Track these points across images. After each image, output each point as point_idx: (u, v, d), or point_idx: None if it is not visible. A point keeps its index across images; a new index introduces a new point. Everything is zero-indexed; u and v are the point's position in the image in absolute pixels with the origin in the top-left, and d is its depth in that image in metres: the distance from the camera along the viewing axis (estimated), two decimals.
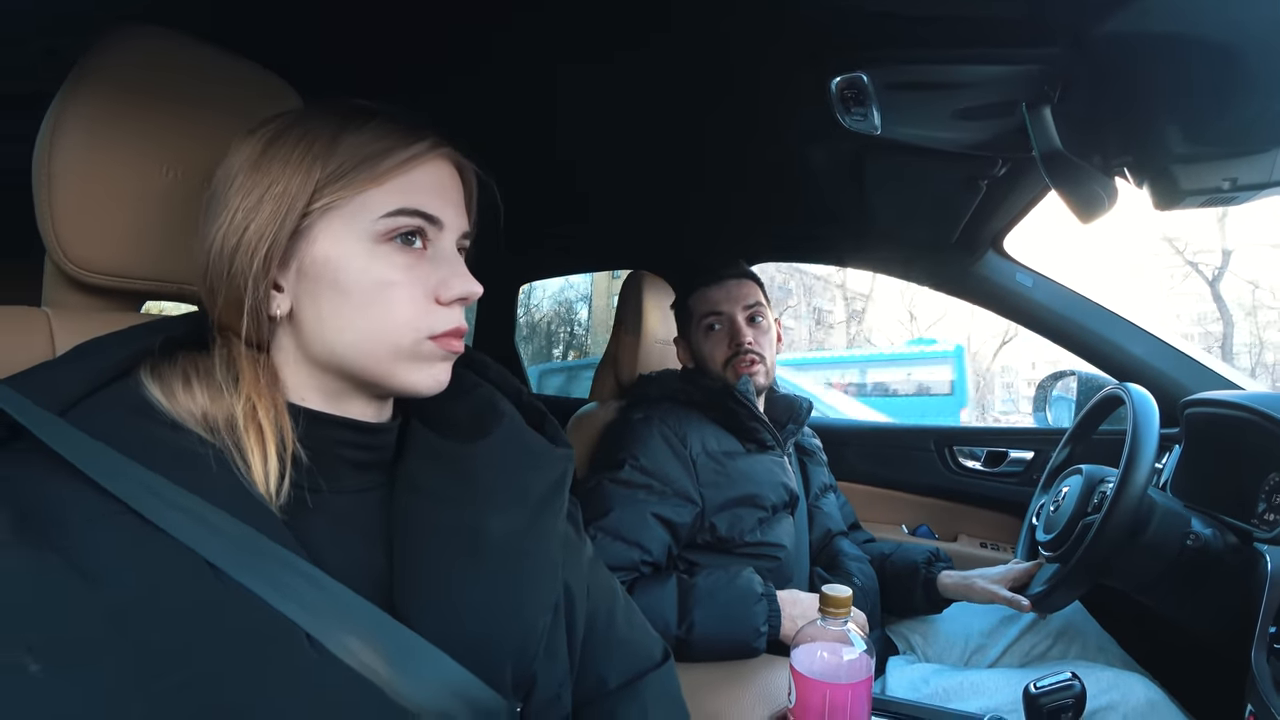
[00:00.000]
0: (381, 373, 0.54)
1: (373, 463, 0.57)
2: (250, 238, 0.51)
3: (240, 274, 0.52)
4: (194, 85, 0.65)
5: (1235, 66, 0.62)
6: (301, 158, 0.52)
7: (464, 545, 0.54)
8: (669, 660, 0.74)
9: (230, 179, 0.53)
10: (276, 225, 0.51)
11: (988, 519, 1.71)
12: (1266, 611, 0.84)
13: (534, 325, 12.07)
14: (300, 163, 0.52)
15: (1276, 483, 1.04)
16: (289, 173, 0.52)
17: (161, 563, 0.42)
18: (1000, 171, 1.07)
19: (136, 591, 0.41)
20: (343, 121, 0.54)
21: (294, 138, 0.53)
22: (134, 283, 0.64)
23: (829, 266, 1.78)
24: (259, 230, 0.51)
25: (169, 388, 0.49)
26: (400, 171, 0.53)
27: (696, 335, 1.36)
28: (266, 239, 0.51)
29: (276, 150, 0.53)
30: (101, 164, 0.60)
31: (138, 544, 0.42)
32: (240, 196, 0.52)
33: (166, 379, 0.50)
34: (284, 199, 0.51)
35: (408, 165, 0.54)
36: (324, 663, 0.45)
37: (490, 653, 0.53)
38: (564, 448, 0.64)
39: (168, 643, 0.40)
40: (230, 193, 0.53)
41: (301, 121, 0.55)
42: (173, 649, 0.40)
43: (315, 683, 0.44)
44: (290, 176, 0.52)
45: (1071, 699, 0.76)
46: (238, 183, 0.53)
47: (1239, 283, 13.00)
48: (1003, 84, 0.75)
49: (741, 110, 1.10)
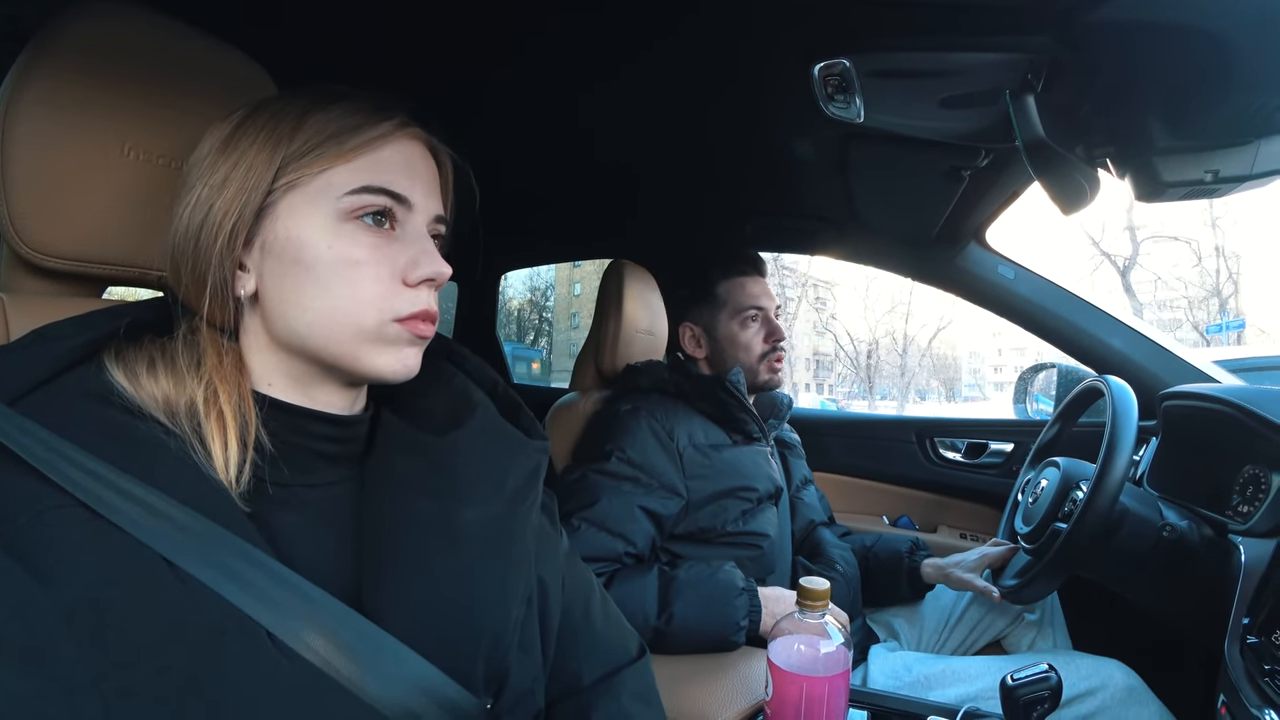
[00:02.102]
0: (345, 355, 0.53)
1: (343, 455, 0.56)
2: (215, 215, 0.51)
3: (205, 252, 0.51)
4: (160, 63, 0.63)
5: (1221, 59, 0.61)
6: (268, 137, 0.52)
7: (436, 538, 0.53)
8: (645, 656, 0.73)
9: (200, 161, 0.53)
10: (241, 202, 0.51)
11: (968, 510, 1.73)
12: (1239, 603, 0.85)
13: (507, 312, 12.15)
14: (266, 141, 0.52)
15: (1250, 475, 1.05)
16: (254, 151, 0.52)
17: (115, 559, 0.41)
18: (983, 163, 1.06)
19: (90, 589, 0.39)
20: (311, 101, 0.54)
21: (262, 119, 0.53)
22: (94, 267, 0.62)
23: None
24: (224, 208, 0.51)
25: (133, 372, 0.48)
26: (366, 149, 0.53)
27: (729, 324, 1.35)
28: (231, 216, 0.51)
29: (244, 131, 0.53)
30: (60, 143, 0.58)
31: (90, 539, 0.41)
32: (207, 175, 0.52)
33: (130, 364, 0.49)
34: (249, 176, 0.51)
35: (374, 144, 0.53)
36: (286, 661, 0.43)
37: (461, 648, 0.52)
38: (539, 439, 0.64)
39: (123, 641, 0.39)
40: (198, 174, 0.52)
41: (271, 103, 0.55)
42: (128, 648, 0.39)
43: (277, 682, 0.43)
44: (256, 154, 0.51)
45: (1048, 690, 0.76)
46: (205, 164, 0.52)
47: (1145, 274, 13.51)
48: (987, 72, 0.74)
49: (725, 98, 1.09)
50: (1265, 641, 0.78)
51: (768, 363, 1.33)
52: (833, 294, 17.62)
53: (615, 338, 1.38)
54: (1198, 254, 13.40)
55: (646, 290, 1.48)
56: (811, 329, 17.97)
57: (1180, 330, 13.16)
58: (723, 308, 1.35)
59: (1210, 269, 13.31)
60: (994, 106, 0.80)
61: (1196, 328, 13.15)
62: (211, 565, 0.43)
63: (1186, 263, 13.62)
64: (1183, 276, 13.70)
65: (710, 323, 1.37)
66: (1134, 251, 13.42)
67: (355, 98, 0.55)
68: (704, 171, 1.45)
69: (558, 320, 15.78)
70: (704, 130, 1.23)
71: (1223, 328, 12.46)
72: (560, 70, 1.04)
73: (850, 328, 17.32)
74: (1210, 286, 13.33)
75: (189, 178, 0.53)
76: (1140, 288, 13.71)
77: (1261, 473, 1.03)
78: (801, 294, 17.17)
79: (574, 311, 15.51)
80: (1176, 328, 13.24)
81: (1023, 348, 17.27)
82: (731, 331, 1.34)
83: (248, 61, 0.70)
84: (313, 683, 0.44)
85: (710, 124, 1.20)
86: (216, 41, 0.68)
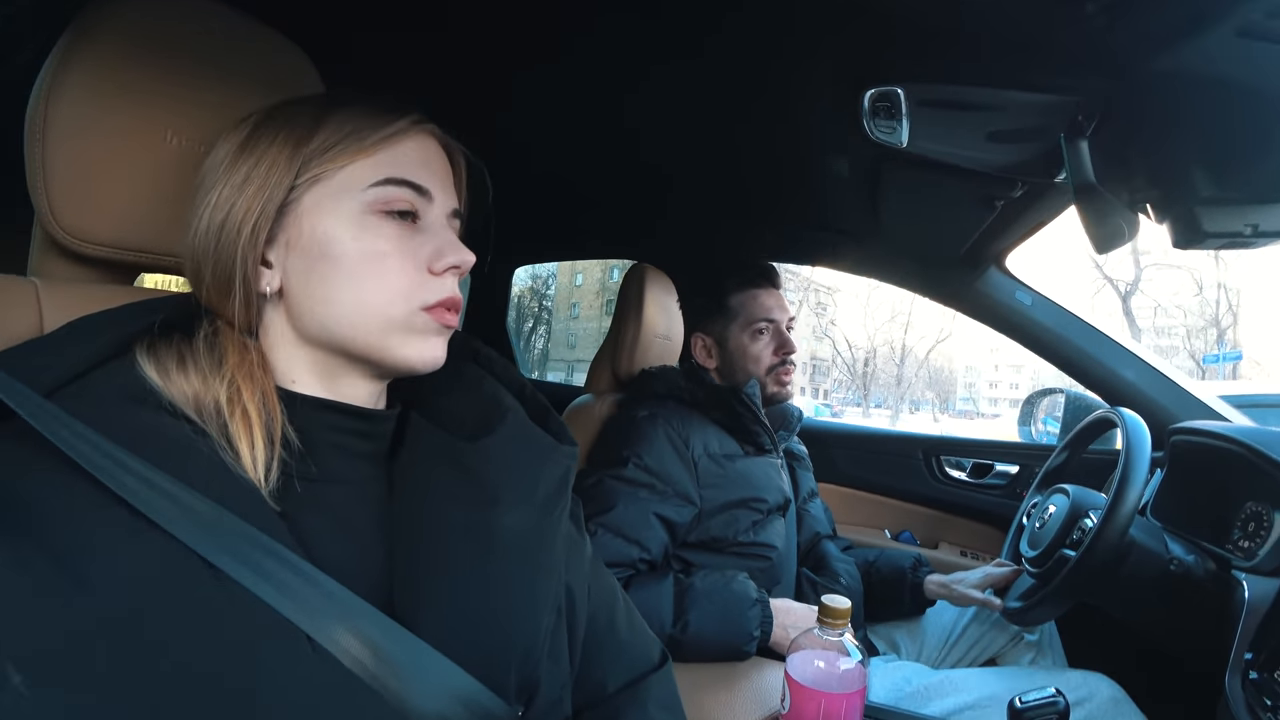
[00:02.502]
0: (374, 346, 0.54)
1: (369, 452, 0.56)
2: (237, 213, 0.52)
3: (227, 250, 0.52)
4: (203, 48, 0.62)
5: (1269, 115, 0.63)
6: (288, 136, 0.53)
7: (470, 545, 0.53)
8: (668, 663, 0.74)
9: (217, 164, 0.54)
10: (263, 199, 0.52)
11: (970, 529, 1.75)
12: (1242, 638, 0.88)
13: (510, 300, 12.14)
14: (286, 140, 0.53)
15: (1252, 511, 1.08)
16: (274, 150, 0.53)
17: (155, 560, 0.40)
18: (1018, 193, 1.07)
19: (129, 591, 0.39)
20: (328, 101, 0.56)
21: (279, 120, 0.54)
22: (129, 254, 0.61)
23: None
24: (245, 206, 0.52)
25: (164, 369, 0.48)
26: (385, 145, 0.54)
27: (740, 335, 1.35)
28: (253, 213, 0.52)
29: (262, 132, 0.54)
30: (101, 128, 0.57)
31: (129, 539, 0.40)
32: (226, 176, 0.53)
33: (162, 360, 0.48)
34: (270, 174, 0.52)
35: (394, 139, 0.55)
36: (325, 666, 0.43)
37: (494, 656, 0.52)
38: (568, 444, 0.63)
39: (162, 644, 0.39)
40: (215, 175, 0.53)
41: (287, 105, 0.56)
42: (167, 650, 0.39)
43: (317, 686, 0.43)
44: (276, 153, 0.52)
45: (1055, 715, 0.78)
46: (224, 165, 0.53)
47: (1145, 300, 13.62)
48: (1039, 111, 0.75)
49: (763, 111, 1.09)
50: (1267, 678, 0.80)
51: (776, 375, 1.33)
52: (834, 300, 17.65)
53: (634, 342, 1.39)
54: (1199, 284, 13.48)
55: (665, 295, 1.49)
56: (811, 334, 17.99)
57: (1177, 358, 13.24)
58: (734, 319, 1.36)
59: (1210, 299, 13.39)
60: (1039, 143, 0.81)
61: (1193, 356, 13.23)
62: (248, 566, 0.43)
63: (1188, 291, 13.72)
64: (1183, 305, 13.80)
65: (722, 334, 1.37)
66: (1136, 277, 13.51)
67: (368, 99, 0.56)
68: (732, 179, 1.46)
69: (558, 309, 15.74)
70: (737, 139, 1.23)
71: (1220, 358, 12.55)
72: (599, 69, 1.04)
73: (849, 334, 17.37)
74: (1209, 317, 13.42)
75: (205, 180, 0.54)
76: (1140, 313, 13.81)
77: (1264, 510, 1.05)
78: (803, 298, 17.19)
79: (574, 302, 15.49)
80: (1173, 355, 13.32)
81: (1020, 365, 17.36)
82: (742, 343, 1.34)
83: (289, 45, 0.70)
84: (351, 688, 0.44)
85: (745, 134, 1.20)
86: (257, 25, 0.67)
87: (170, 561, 0.41)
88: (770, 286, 1.37)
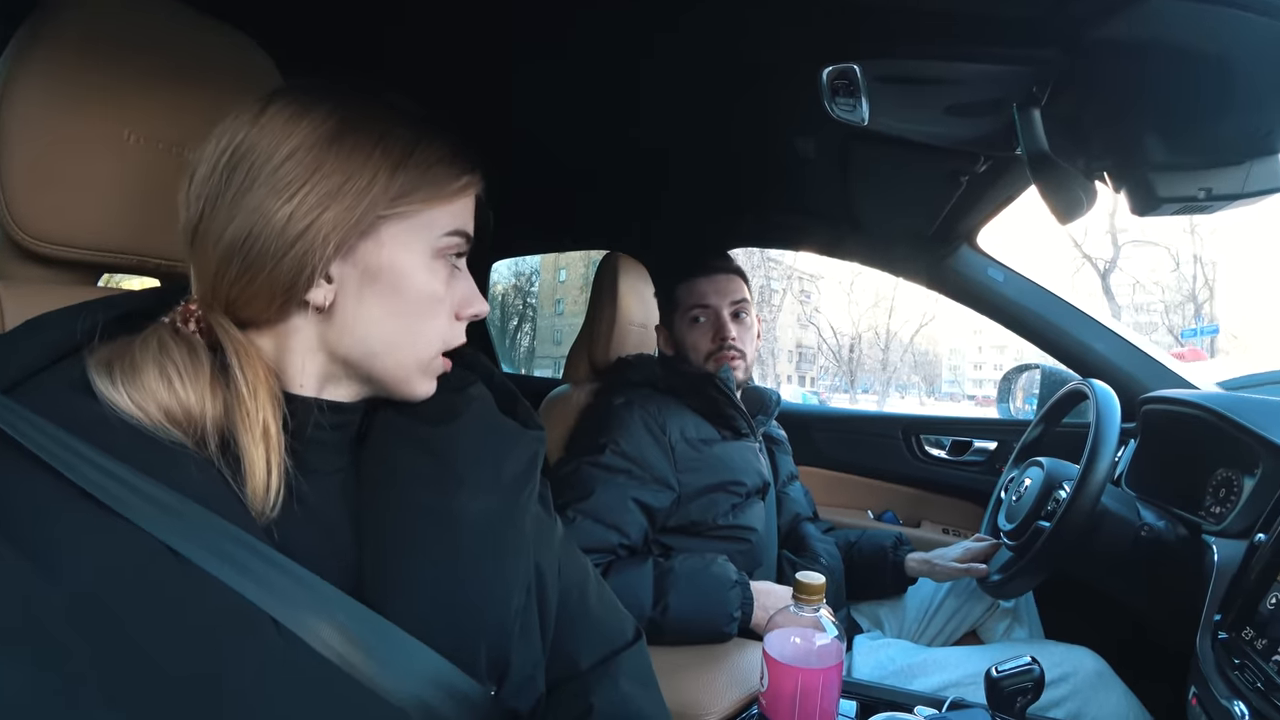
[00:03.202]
0: (399, 378, 0.56)
1: (337, 442, 0.56)
2: (323, 224, 0.50)
3: (297, 257, 0.50)
4: (165, 46, 0.62)
5: (1221, 81, 0.63)
6: (382, 159, 0.52)
7: (437, 529, 0.54)
8: (641, 639, 0.75)
9: (284, 154, 0.50)
10: (353, 220, 0.51)
11: (951, 506, 1.77)
12: (1212, 600, 0.89)
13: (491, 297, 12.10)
14: (381, 164, 0.52)
15: (1223, 478, 1.10)
16: (369, 171, 0.51)
17: (119, 548, 0.40)
18: (981, 168, 1.08)
19: (95, 581, 0.39)
20: (417, 131, 0.54)
21: (370, 134, 0.52)
22: (91, 254, 0.61)
23: None
24: (335, 220, 0.50)
25: (128, 368, 0.46)
26: (463, 194, 0.57)
27: (681, 324, 1.36)
28: (340, 229, 0.50)
29: (352, 140, 0.51)
30: (60, 128, 0.57)
31: (95, 530, 0.40)
32: (315, 177, 0.50)
33: (123, 359, 0.46)
34: (364, 196, 0.51)
35: (466, 190, 0.57)
36: (294, 651, 0.44)
37: (465, 637, 0.53)
38: (535, 429, 0.65)
39: (127, 631, 0.39)
40: (292, 169, 0.50)
41: (372, 115, 0.53)
42: (133, 638, 0.39)
43: (285, 671, 0.43)
44: (372, 175, 0.51)
45: (1031, 682, 0.79)
46: (305, 161, 0.50)
47: (1124, 277, 13.87)
48: (994, 83, 0.75)
49: (728, 94, 1.09)
50: (1235, 637, 0.81)
51: (714, 361, 1.32)
52: (817, 287, 17.68)
53: (609, 330, 1.39)
54: (1176, 260, 13.66)
55: (640, 284, 1.49)
56: (795, 321, 18.04)
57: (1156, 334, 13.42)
58: (677, 308, 1.37)
59: (1187, 275, 13.57)
60: (997, 115, 0.81)
61: (1171, 331, 13.41)
62: (214, 554, 0.43)
63: (1165, 268, 13.88)
64: (1160, 281, 13.97)
65: (671, 322, 1.39)
66: (1115, 255, 13.67)
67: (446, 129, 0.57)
68: (707, 166, 1.46)
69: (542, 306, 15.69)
70: (711, 125, 1.23)
71: (1197, 333, 12.74)
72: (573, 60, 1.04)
73: (834, 321, 17.43)
74: (1186, 292, 13.60)
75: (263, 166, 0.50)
76: (1119, 290, 13.98)
77: (1234, 476, 1.07)
78: (786, 286, 17.23)
79: (558, 298, 15.43)
80: (1152, 331, 13.49)
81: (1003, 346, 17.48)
82: (683, 330, 1.36)
83: (253, 47, 0.70)
84: (322, 673, 0.44)
85: (712, 119, 1.20)
86: (220, 24, 0.67)
87: (134, 550, 0.41)
88: (710, 273, 1.36)
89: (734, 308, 1.34)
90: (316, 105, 0.52)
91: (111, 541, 0.40)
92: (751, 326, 1.37)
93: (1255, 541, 0.87)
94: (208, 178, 0.51)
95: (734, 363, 1.31)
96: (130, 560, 0.41)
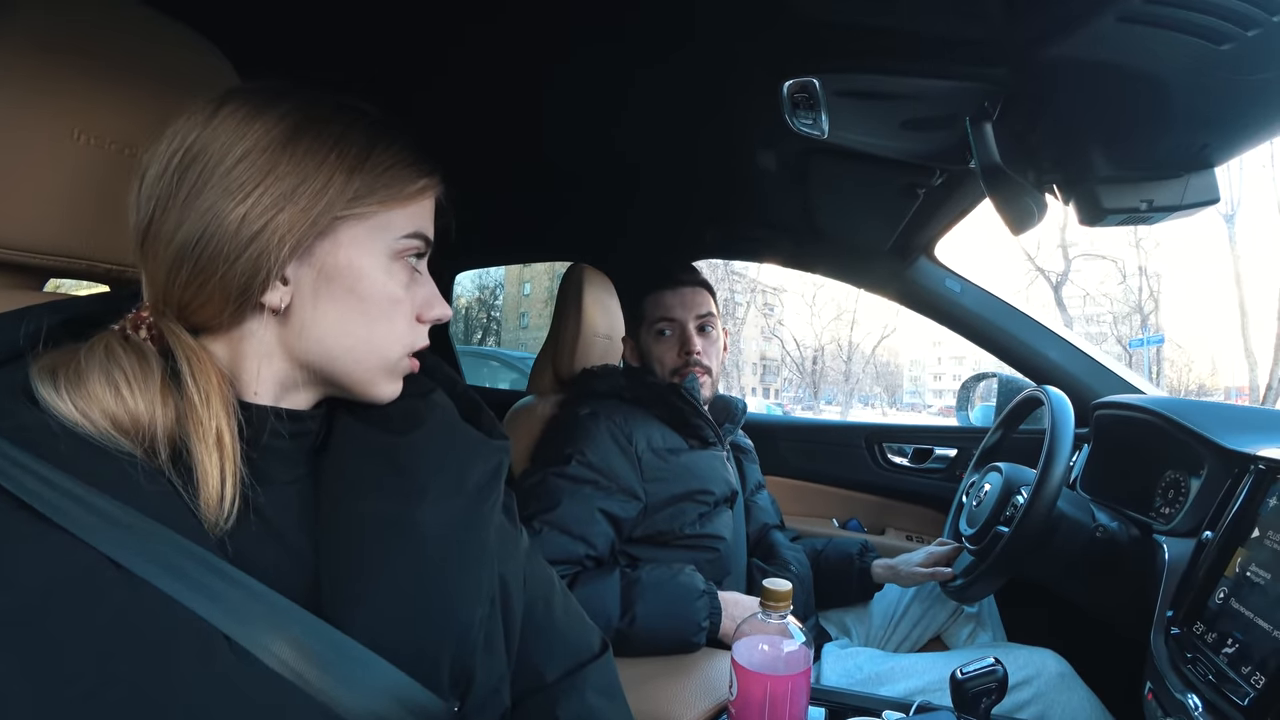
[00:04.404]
0: (362, 380, 0.56)
1: (296, 452, 0.55)
2: (278, 225, 0.49)
3: (251, 259, 0.49)
4: (114, 45, 0.60)
5: (1159, 100, 0.67)
6: (339, 161, 0.51)
7: (397, 539, 0.53)
8: (607, 651, 0.74)
9: (237, 155, 0.49)
10: (309, 222, 0.50)
11: (914, 512, 1.80)
12: (1164, 597, 0.92)
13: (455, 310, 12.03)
14: (338, 166, 0.51)
15: (1171, 479, 1.14)
16: (325, 173, 0.51)
17: (56, 561, 0.39)
18: (937, 181, 1.12)
19: (30, 593, 0.37)
20: (373, 134, 0.54)
21: (328, 136, 0.52)
22: (37, 258, 0.58)
23: None
24: (290, 221, 0.49)
25: (73, 375, 0.45)
26: (421, 197, 0.56)
27: (647, 337, 1.37)
28: (296, 230, 0.50)
29: (307, 142, 0.51)
30: (3, 122, 0.55)
31: (30, 540, 0.39)
32: (268, 179, 0.49)
33: (68, 365, 0.45)
34: (321, 197, 0.50)
35: (425, 193, 0.57)
36: (247, 669, 0.42)
37: (427, 651, 0.52)
38: (499, 438, 0.65)
39: (65, 650, 0.37)
40: (245, 171, 0.49)
41: (328, 118, 0.53)
42: (70, 657, 0.37)
43: (237, 690, 0.42)
44: (328, 177, 0.51)
45: (995, 683, 0.81)
46: (258, 163, 0.49)
47: (1075, 289, 14.45)
48: (948, 98, 0.78)
49: (691, 107, 1.11)
50: (1186, 632, 0.84)
51: (679, 375, 1.33)
52: (780, 300, 17.96)
53: (574, 342, 1.38)
54: (1123, 272, 14.21)
55: (605, 295, 1.49)
56: (759, 334, 18.26)
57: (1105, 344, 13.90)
58: (642, 321, 1.39)
59: (1134, 287, 14.12)
60: (950, 131, 0.84)
61: (1120, 341, 13.92)
62: (162, 568, 0.41)
63: (1113, 280, 14.43)
64: (1109, 293, 14.51)
65: (637, 335, 1.40)
66: (1066, 268, 14.17)
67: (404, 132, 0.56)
68: (669, 179, 1.47)
69: (506, 320, 15.63)
70: (667, 137, 1.25)
71: (1144, 342, 13.26)
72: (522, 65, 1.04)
73: (797, 333, 17.69)
74: (1133, 303, 14.14)
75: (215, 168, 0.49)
76: (1070, 302, 14.48)
77: (1181, 477, 1.12)
78: (750, 300, 17.45)
79: (523, 311, 15.38)
80: (1102, 340, 13.98)
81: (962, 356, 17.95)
82: (649, 343, 1.37)
83: (206, 46, 0.68)
84: (277, 692, 0.43)
85: (675, 131, 1.22)
86: (171, 23, 0.66)
87: (73, 564, 0.39)
88: (675, 286, 1.37)
89: (699, 321, 1.36)
90: (271, 107, 0.51)
91: (45, 552, 0.39)
92: (717, 340, 1.38)
93: (1202, 539, 0.90)
94: (158, 178, 0.49)
95: (701, 377, 1.32)
96: (68, 574, 0.39)
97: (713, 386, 1.37)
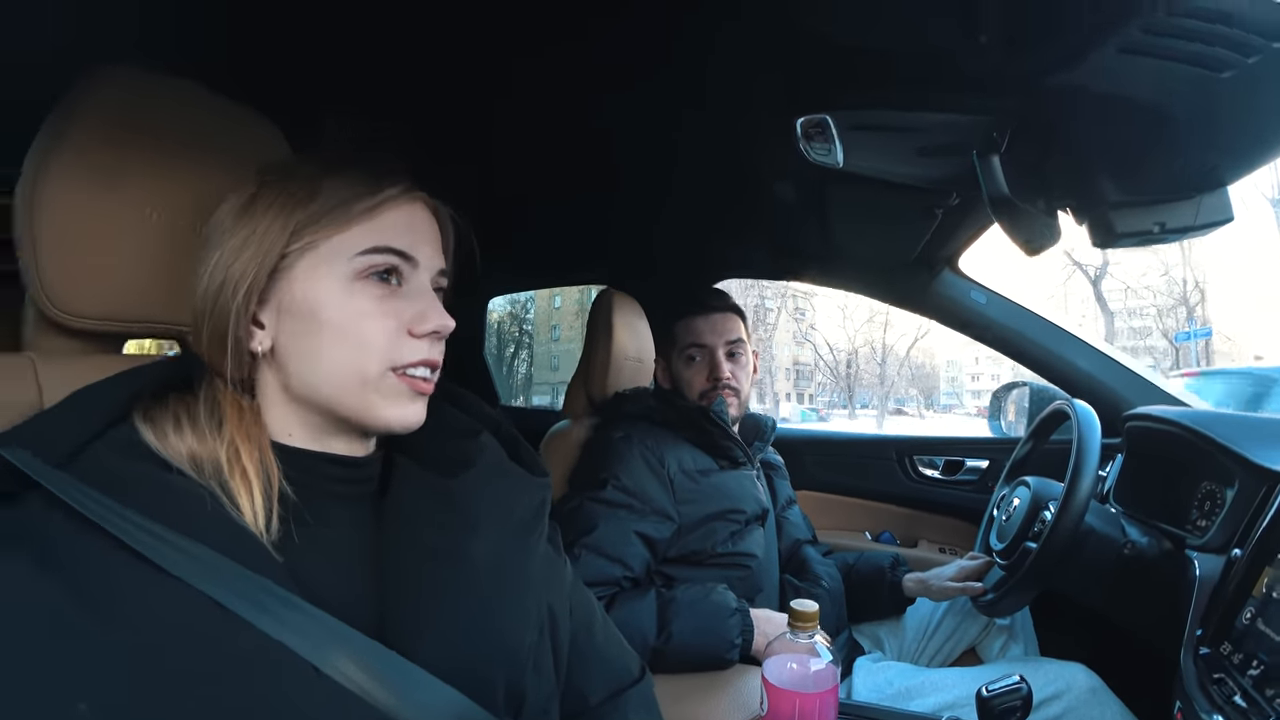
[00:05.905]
0: (356, 407, 0.57)
1: (356, 495, 0.60)
2: (233, 275, 0.55)
3: (223, 311, 0.56)
4: (179, 126, 0.65)
5: (1165, 126, 0.68)
6: (284, 204, 0.56)
7: (452, 570, 0.57)
8: (647, 676, 0.78)
9: (218, 227, 0.57)
10: (257, 264, 0.55)
11: (945, 524, 1.79)
12: (1194, 615, 0.91)
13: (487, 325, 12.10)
14: (282, 208, 0.56)
15: (1207, 490, 1.12)
16: (270, 217, 0.56)
17: (172, 603, 0.45)
18: (955, 201, 1.13)
19: (151, 631, 0.44)
20: (324, 168, 0.58)
21: (278, 186, 0.58)
22: (117, 325, 0.64)
23: None
24: (241, 269, 0.55)
25: (161, 431, 0.52)
26: (374, 214, 0.57)
27: (677, 361, 1.41)
28: (248, 276, 0.55)
29: (261, 198, 0.57)
30: (87, 207, 0.60)
31: (149, 586, 0.45)
32: (225, 240, 0.56)
33: (159, 423, 0.52)
34: (265, 239, 0.56)
35: (382, 208, 0.58)
36: (330, 690, 0.47)
37: (482, 674, 0.56)
38: (541, 475, 0.68)
39: (176, 675, 0.43)
40: (218, 237, 0.57)
41: (286, 171, 0.59)
42: (182, 681, 0.43)
43: (324, 708, 0.47)
44: (272, 220, 0.56)
45: (1020, 700, 0.82)
46: (224, 229, 0.57)
47: (1115, 283, 14.00)
48: (956, 130, 0.80)
49: (715, 141, 1.14)
50: (1214, 652, 0.83)
51: (708, 399, 1.36)
52: (811, 305, 17.78)
53: (605, 365, 1.42)
54: (1165, 264, 13.76)
55: (634, 318, 1.52)
56: (791, 339, 18.11)
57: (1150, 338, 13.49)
58: (674, 345, 1.42)
59: (1177, 279, 13.67)
60: (964, 157, 0.86)
61: (1165, 335, 13.48)
62: (253, 604, 0.47)
63: (1155, 272, 13.98)
64: (1151, 286, 14.06)
65: (668, 358, 1.44)
66: (1104, 261, 13.79)
67: (363, 162, 0.59)
68: (695, 203, 1.50)
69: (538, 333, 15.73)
70: (697, 165, 1.28)
71: (1191, 335, 12.80)
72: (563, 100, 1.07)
73: (829, 337, 17.49)
74: (1178, 295, 13.69)
75: (209, 242, 0.57)
76: (1111, 296, 14.08)
77: (1217, 488, 1.09)
78: (781, 305, 17.32)
79: (554, 324, 15.46)
80: (1146, 335, 13.58)
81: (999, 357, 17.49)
82: (679, 367, 1.41)
83: (260, 119, 0.73)
84: (355, 709, 0.48)
85: (699, 161, 1.25)
86: (230, 102, 0.70)
87: (183, 603, 0.45)
88: (706, 312, 1.40)
89: (729, 347, 1.39)
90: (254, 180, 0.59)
91: (161, 595, 0.45)
92: (746, 364, 1.41)
93: (1232, 557, 0.89)
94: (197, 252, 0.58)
95: (729, 400, 1.35)
96: (179, 612, 0.45)
97: (740, 406, 1.39)
